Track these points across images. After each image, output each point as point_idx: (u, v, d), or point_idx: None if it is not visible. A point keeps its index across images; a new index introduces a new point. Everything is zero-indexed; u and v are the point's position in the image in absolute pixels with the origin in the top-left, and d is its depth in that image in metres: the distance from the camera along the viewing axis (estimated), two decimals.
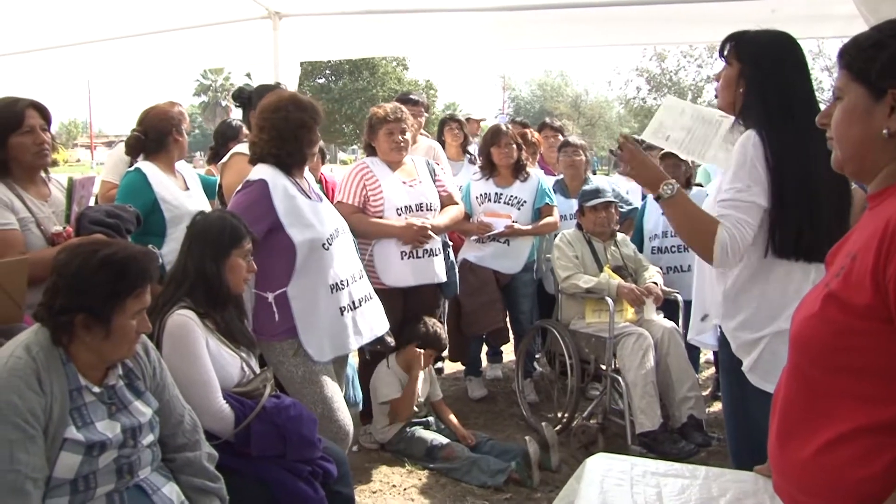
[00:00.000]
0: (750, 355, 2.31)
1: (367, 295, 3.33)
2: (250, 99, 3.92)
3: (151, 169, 3.47)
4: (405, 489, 3.74)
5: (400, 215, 3.98)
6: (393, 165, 4.10)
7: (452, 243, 4.52)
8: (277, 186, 3.03)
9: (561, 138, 5.81)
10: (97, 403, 2.00)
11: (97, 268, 1.95)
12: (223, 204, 3.62)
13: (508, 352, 5.62)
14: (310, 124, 3.13)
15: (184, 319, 2.53)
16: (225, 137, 4.71)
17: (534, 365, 5.15)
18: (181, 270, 2.67)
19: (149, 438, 2.10)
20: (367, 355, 3.67)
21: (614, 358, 4.12)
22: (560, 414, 4.45)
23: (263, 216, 2.97)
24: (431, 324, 4.16)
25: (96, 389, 2.00)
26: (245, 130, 4.35)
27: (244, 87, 4.10)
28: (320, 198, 3.29)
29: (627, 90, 37.76)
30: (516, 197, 4.81)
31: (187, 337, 2.51)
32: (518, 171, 4.87)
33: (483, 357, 5.46)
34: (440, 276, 4.13)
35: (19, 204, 2.69)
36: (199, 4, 4.88)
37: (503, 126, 4.94)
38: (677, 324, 4.30)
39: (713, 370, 5.35)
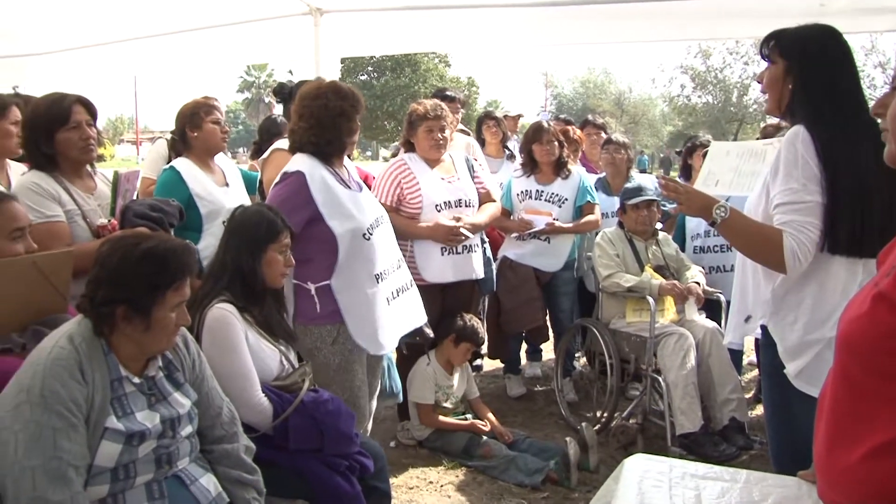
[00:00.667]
0: (798, 360, 2.24)
1: (406, 284, 3.32)
2: (291, 94, 3.95)
3: (186, 166, 3.52)
4: (442, 486, 3.73)
5: (439, 211, 3.96)
6: (431, 162, 4.09)
7: (492, 240, 4.50)
8: (315, 177, 3.03)
9: (604, 136, 5.77)
10: (137, 394, 2.02)
11: (138, 260, 1.97)
12: (264, 199, 3.64)
13: (548, 350, 5.58)
14: (349, 113, 3.12)
15: (223, 313, 2.55)
16: (269, 133, 4.75)
17: (573, 364, 5.13)
18: (219, 265, 2.69)
19: (187, 430, 2.13)
20: (405, 349, 3.65)
21: (655, 358, 4.07)
22: (599, 413, 4.41)
23: (301, 207, 2.97)
24: (468, 318, 4.14)
25: (136, 380, 2.03)
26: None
27: (285, 83, 4.13)
28: (360, 187, 3.28)
29: (671, 88, 37.55)
30: (557, 194, 4.77)
31: (226, 330, 2.53)
32: (559, 169, 4.83)
33: (522, 355, 5.44)
34: (478, 272, 4.11)
35: (66, 197, 2.74)
36: (242, 1, 4.92)
37: (545, 123, 4.90)
38: (719, 324, 4.23)
39: (756, 372, 5.25)
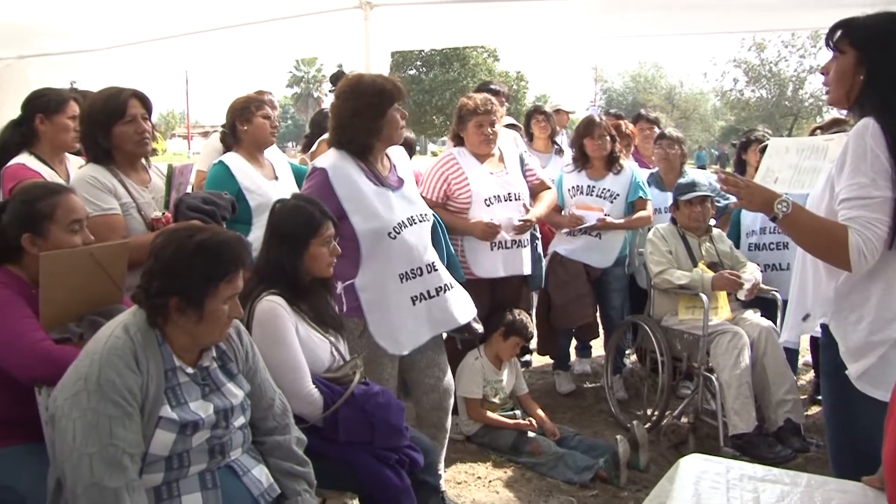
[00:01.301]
0: (861, 360, 2.15)
1: (447, 285, 3.22)
2: None
3: (235, 160, 3.56)
4: (490, 481, 3.72)
5: (489, 206, 3.93)
6: (481, 157, 4.07)
7: (542, 235, 4.46)
8: (339, 172, 3.01)
9: (657, 131, 5.69)
10: (191, 384, 2.04)
11: (191, 253, 1.99)
12: None
13: (598, 347, 5.53)
14: (366, 112, 3.02)
15: (272, 305, 2.57)
16: (320, 127, 4.77)
17: (624, 361, 5.07)
18: (263, 261, 2.70)
19: (240, 420, 2.14)
20: (459, 344, 3.62)
21: (707, 356, 4.00)
22: (650, 412, 4.36)
23: (326, 202, 2.91)
24: (517, 312, 4.11)
25: (190, 370, 2.05)
26: None
27: (341, 71, 4.12)
28: (401, 183, 3.19)
29: (724, 82, 36.76)
30: (609, 190, 4.71)
31: (276, 322, 2.55)
32: (611, 164, 4.77)
33: (572, 351, 5.39)
34: (526, 268, 4.08)
35: (122, 190, 2.79)
36: None
37: (596, 117, 4.84)
38: (775, 323, 4.13)
39: (812, 374, 5.12)
